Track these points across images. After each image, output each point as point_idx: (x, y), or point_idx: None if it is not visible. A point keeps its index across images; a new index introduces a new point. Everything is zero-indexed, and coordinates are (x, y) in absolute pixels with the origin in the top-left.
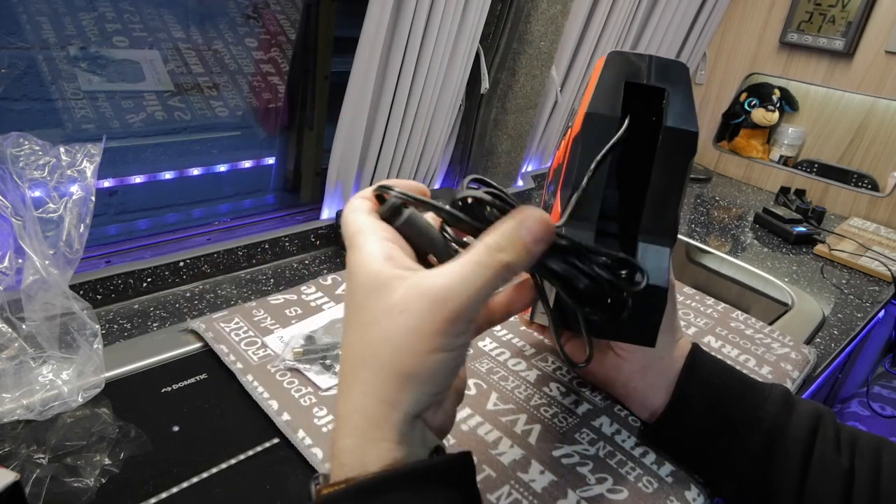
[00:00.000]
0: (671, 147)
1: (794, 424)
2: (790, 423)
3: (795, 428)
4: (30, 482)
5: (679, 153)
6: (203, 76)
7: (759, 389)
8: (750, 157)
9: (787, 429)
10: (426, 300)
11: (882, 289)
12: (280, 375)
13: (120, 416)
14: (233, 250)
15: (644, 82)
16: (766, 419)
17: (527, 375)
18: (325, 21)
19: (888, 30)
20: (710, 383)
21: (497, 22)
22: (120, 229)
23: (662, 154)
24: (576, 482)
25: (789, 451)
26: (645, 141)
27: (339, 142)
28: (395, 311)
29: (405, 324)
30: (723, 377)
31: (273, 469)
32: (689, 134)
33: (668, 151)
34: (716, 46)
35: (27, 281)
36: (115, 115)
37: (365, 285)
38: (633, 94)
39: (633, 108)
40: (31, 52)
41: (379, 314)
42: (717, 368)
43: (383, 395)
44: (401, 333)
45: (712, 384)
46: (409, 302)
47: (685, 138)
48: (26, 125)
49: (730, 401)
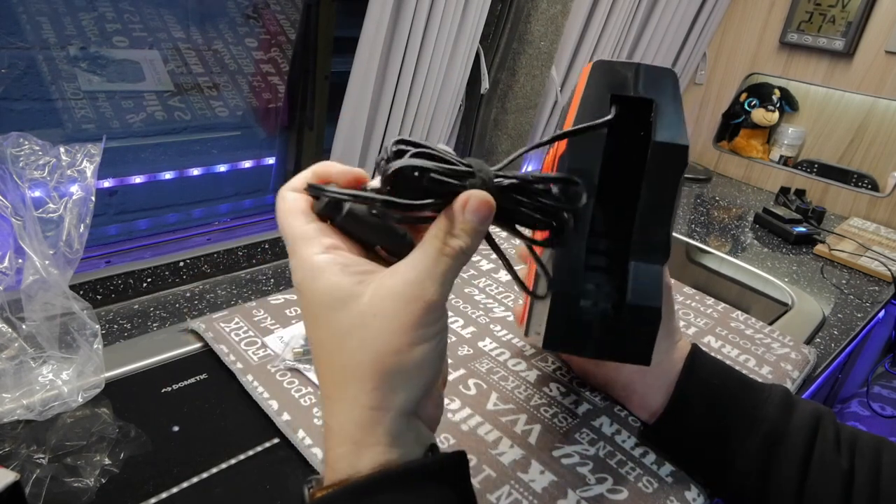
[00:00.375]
0: (661, 162)
1: (794, 425)
2: (790, 424)
3: (795, 428)
4: (30, 482)
5: (669, 168)
6: (203, 76)
7: (758, 390)
8: (750, 157)
9: (787, 429)
10: (398, 299)
11: (882, 289)
12: (280, 375)
13: (120, 416)
14: (233, 250)
15: (631, 93)
16: (765, 420)
17: (527, 375)
18: (325, 21)
19: (888, 30)
20: (710, 384)
21: (497, 22)
22: (120, 229)
23: (652, 169)
24: (576, 482)
25: (789, 452)
26: (634, 155)
27: (339, 142)
28: (368, 316)
29: (381, 326)
30: (722, 378)
31: (273, 469)
32: (678, 148)
33: (658, 166)
34: (716, 46)
35: (27, 281)
36: (115, 114)
37: (325, 301)
38: (621, 105)
39: (621, 120)
40: (31, 52)
41: (349, 325)
42: (717, 369)
43: (373, 402)
44: (378, 337)
45: (712, 385)
46: (380, 304)
47: (675, 153)
48: (26, 125)
49: (729, 401)
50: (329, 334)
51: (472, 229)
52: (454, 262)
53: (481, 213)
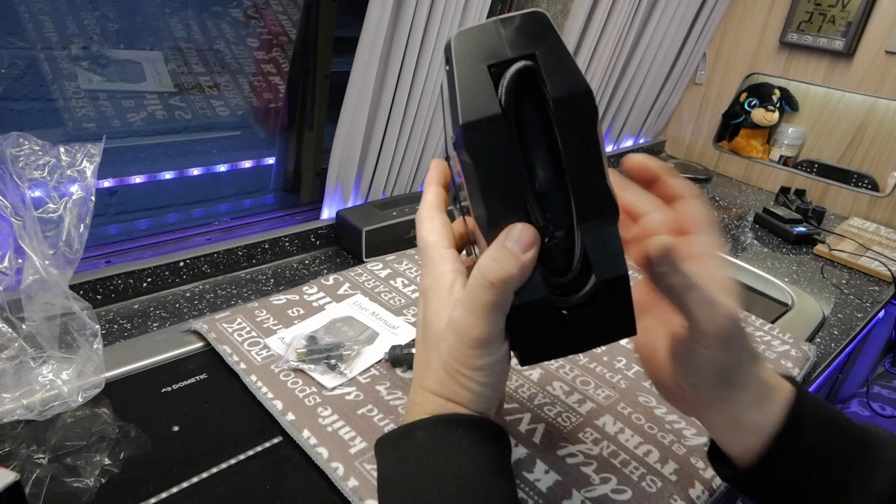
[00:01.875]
0: (567, 116)
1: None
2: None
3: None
4: (30, 482)
5: (578, 119)
6: (204, 76)
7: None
8: (750, 157)
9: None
10: (452, 332)
11: (882, 289)
12: (284, 375)
13: (120, 416)
14: (233, 250)
15: (508, 56)
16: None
17: (530, 374)
18: (325, 21)
19: (888, 30)
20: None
21: None
22: (120, 229)
23: (562, 127)
24: (580, 482)
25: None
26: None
27: (339, 142)
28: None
29: (446, 349)
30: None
31: (273, 469)
32: (580, 96)
33: (567, 121)
34: (716, 46)
35: (27, 281)
36: (115, 114)
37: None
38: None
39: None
40: (31, 52)
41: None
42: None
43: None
44: (445, 356)
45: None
46: (444, 332)
47: (579, 102)
48: (26, 125)
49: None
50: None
51: (515, 258)
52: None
53: (523, 241)
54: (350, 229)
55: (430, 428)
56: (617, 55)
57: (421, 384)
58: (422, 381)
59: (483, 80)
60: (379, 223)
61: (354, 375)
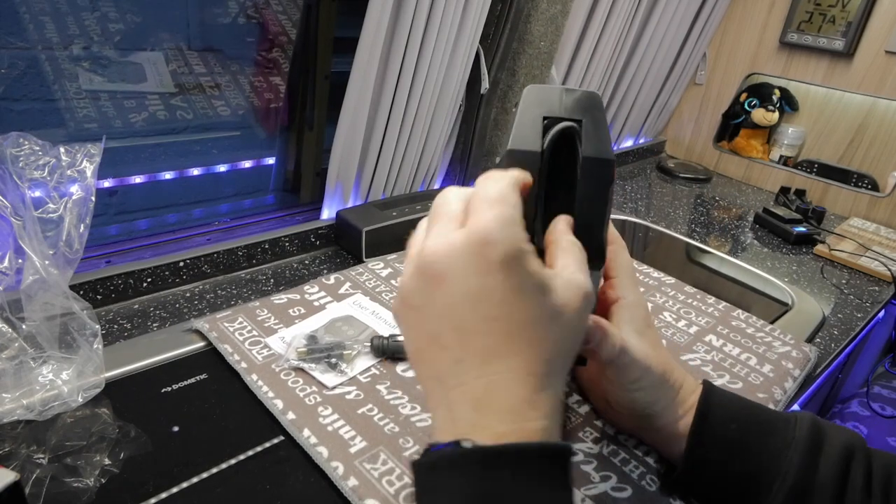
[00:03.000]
0: (590, 175)
1: (821, 473)
2: (817, 474)
3: (822, 479)
4: (30, 482)
5: (598, 180)
6: (204, 76)
7: (781, 432)
8: (750, 157)
9: (813, 481)
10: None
11: (882, 289)
12: (284, 375)
13: (120, 416)
14: (233, 250)
15: (560, 115)
16: (790, 472)
17: None
18: (325, 21)
19: (888, 30)
20: (726, 435)
21: (497, 22)
22: (120, 229)
23: (582, 182)
24: (580, 480)
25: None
26: (570, 173)
27: (339, 142)
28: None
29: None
30: (740, 422)
31: (273, 469)
32: (605, 162)
33: (587, 179)
34: (716, 46)
35: (27, 281)
36: (116, 114)
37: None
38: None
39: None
40: (31, 52)
41: None
42: (733, 412)
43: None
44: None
45: (728, 434)
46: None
47: (602, 167)
48: (27, 125)
49: (749, 453)
50: None
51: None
52: None
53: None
54: (350, 229)
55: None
56: (617, 55)
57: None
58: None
59: (536, 125)
60: (379, 223)
61: (355, 375)
